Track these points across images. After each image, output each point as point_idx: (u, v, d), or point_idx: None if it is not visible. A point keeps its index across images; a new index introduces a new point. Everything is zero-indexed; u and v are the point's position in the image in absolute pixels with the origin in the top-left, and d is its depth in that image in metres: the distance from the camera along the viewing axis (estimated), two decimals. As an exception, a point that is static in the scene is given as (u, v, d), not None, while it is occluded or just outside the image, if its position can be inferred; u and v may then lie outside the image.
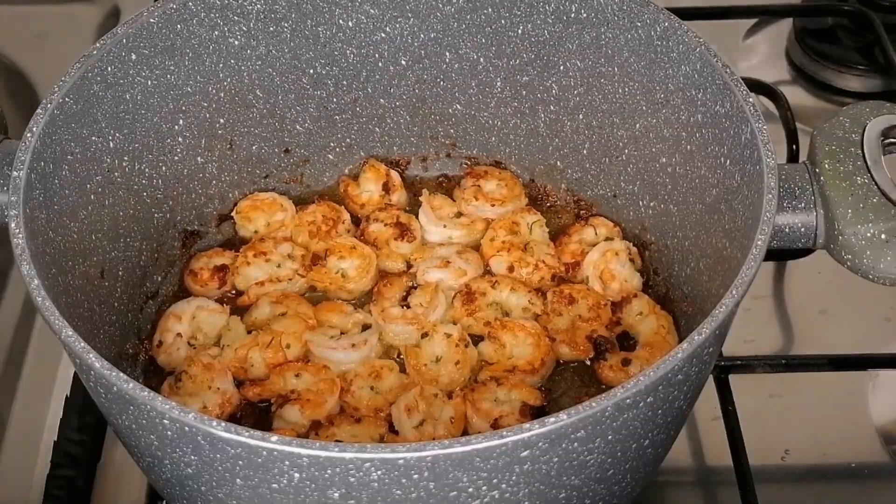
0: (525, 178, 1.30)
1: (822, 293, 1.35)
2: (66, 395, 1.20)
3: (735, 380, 1.21)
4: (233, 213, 1.27)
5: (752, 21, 1.69)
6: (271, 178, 1.30)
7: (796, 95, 1.58)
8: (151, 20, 1.14)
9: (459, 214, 1.28)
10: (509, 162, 1.31)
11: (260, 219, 1.26)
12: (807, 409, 1.25)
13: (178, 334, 1.17)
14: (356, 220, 1.29)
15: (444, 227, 1.26)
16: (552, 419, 0.82)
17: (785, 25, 1.68)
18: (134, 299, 1.18)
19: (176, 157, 1.21)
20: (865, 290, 1.13)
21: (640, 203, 1.22)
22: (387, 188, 1.29)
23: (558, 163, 1.28)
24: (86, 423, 1.18)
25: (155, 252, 1.21)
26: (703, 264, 1.11)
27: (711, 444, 1.21)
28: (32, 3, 1.75)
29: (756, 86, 1.48)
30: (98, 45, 1.10)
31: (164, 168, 1.20)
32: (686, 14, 1.53)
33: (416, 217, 1.28)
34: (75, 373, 1.18)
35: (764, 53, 1.66)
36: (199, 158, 1.24)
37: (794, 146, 1.41)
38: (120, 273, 1.16)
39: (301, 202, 1.30)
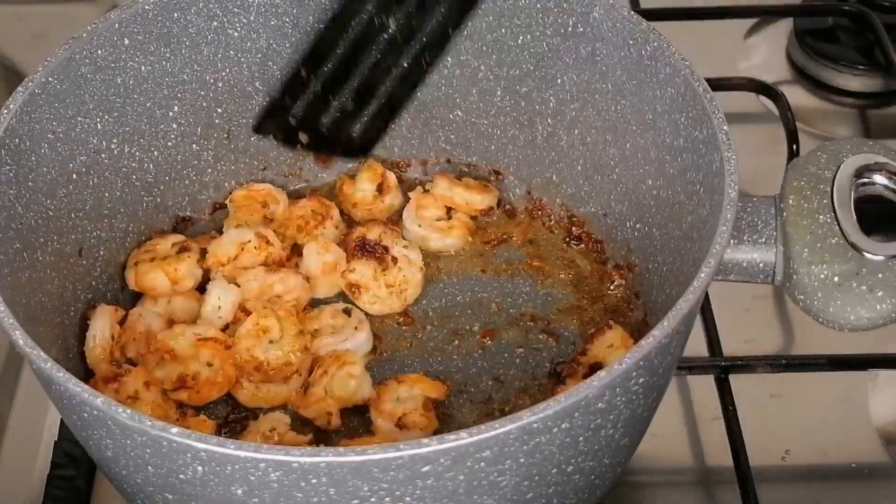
0: (522, 190, 1.29)
1: (822, 293, 1.32)
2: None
3: (735, 380, 1.19)
4: (227, 202, 1.28)
5: (753, 21, 1.66)
6: (269, 170, 1.31)
7: (796, 95, 1.54)
8: (147, 6, 1.15)
9: (442, 217, 1.27)
10: (507, 172, 1.29)
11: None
12: (807, 409, 1.22)
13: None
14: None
15: (420, 226, 1.25)
16: (452, 437, 0.81)
17: (785, 25, 1.64)
18: (115, 279, 1.20)
19: (169, 143, 1.22)
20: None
21: (627, 224, 1.19)
22: (381, 189, 1.28)
23: (554, 176, 1.26)
24: (86, 424, 1.19)
25: (142, 235, 1.22)
26: (676, 291, 1.08)
27: (711, 444, 1.19)
28: (32, 3, 1.76)
29: (756, 86, 1.47)
30: (89, 27, 1.12)
31: (156, 153, 1.22)
32: (686, 14, 1.52)
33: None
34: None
35: (764, 53, 1.63)
36: (194, 146, 1.25)
37: (794, 146, 1.39)
38: (101, 253, 1.17)
39: (299, 197, 1.29)
